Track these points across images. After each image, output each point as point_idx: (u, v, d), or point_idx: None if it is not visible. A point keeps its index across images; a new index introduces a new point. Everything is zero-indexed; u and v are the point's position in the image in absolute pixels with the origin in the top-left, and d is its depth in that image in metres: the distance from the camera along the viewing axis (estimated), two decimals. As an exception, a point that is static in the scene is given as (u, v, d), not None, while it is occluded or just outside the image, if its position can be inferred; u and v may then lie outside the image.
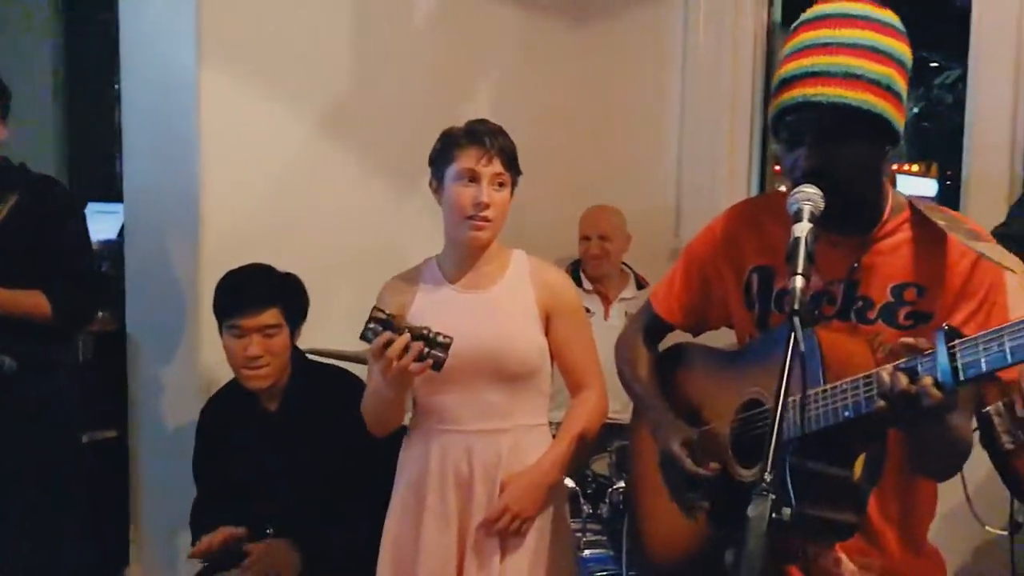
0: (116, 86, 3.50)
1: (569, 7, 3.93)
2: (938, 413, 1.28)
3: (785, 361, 1.24)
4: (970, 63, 3.03)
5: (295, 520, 2.42)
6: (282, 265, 2.54)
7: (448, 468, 2.10)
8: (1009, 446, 1.96)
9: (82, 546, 2.84)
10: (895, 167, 4.27)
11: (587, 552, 2.82)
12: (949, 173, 4.47)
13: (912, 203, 1.61)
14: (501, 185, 2.09)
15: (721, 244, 1.77)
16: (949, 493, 1.79)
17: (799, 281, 1.30)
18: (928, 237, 1.57)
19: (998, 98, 2.97)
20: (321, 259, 2.98)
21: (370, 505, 2.36)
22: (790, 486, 1.31)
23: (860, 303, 1.58)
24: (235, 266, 2.64)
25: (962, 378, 1.22)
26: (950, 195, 4.17)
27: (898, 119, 1.50)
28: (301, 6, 3.09)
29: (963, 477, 2.05)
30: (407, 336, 1.94)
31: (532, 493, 2.09)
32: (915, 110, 4.08)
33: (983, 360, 1.20)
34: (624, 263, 3.59)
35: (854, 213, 1.55)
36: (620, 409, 2.47)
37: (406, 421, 2.24)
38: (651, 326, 1.89)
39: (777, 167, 3.80)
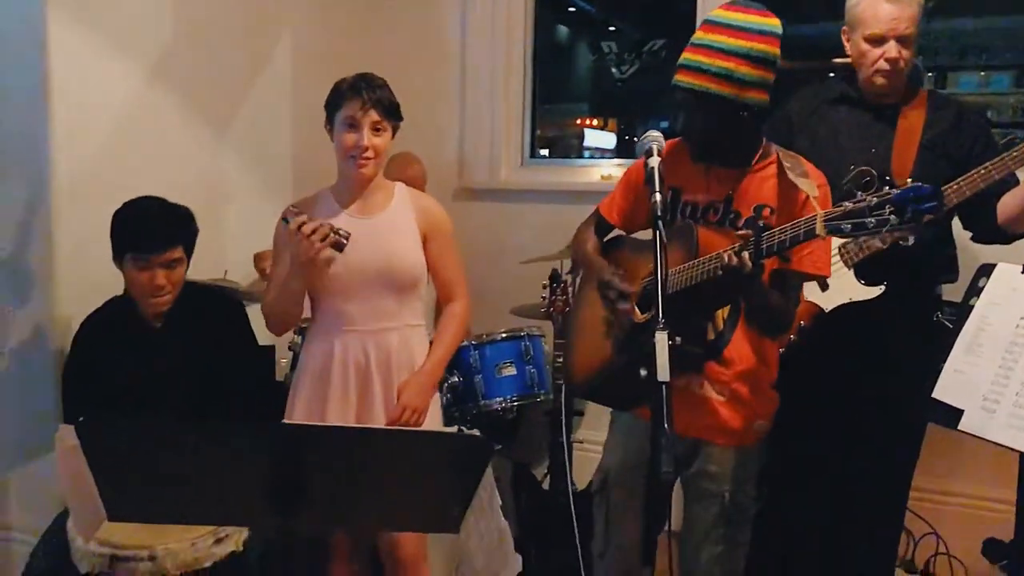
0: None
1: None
2: (752, 277, 1.96)
3: (656, 247, 1.84)
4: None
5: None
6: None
7: (350, 360, 2.53)
8: None
9: None
10: (580, 121, 5.05)
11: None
12: (623, 128, 5.18)
13: (778, 151, 2.26)
14: (379, 131, 2.48)
15: (645, 172, 2.31)
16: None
17: (658, 197, 1.93)
18: (785, 175, 2.22)
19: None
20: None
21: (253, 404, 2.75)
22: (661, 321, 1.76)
23: (733, 215, 2.25)
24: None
25: (764, 255, 1.94)
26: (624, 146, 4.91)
27: (754, 99, 2.11)
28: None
29: None
30: (318, 220, 2.41)
31: (424, 391, 2.56)
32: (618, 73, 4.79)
33: (776, 244, 1.93)
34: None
35: (731, 154, 2.21)
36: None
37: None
38: (599, 225, 2.52)
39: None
